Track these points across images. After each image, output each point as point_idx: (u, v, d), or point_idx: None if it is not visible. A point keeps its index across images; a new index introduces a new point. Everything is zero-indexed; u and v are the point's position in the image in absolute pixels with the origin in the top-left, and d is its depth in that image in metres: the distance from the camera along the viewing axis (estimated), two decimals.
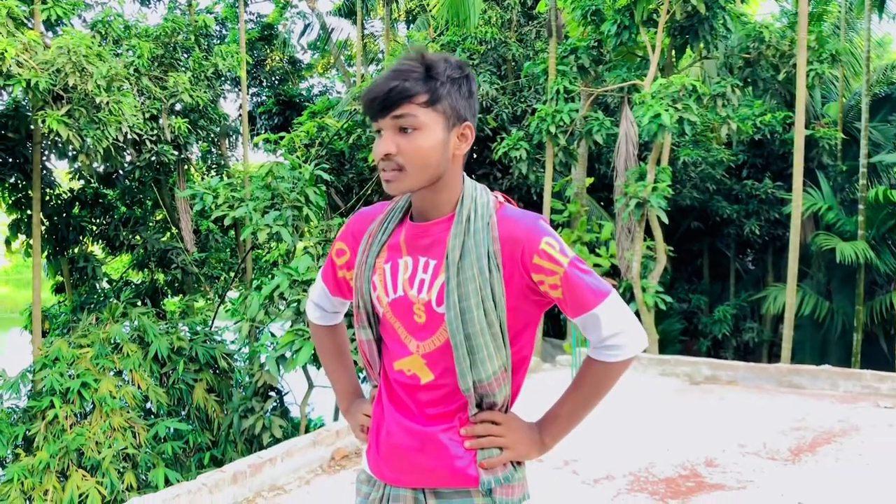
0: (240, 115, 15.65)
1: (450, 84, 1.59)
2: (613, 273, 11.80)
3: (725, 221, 15.37)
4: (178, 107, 12.99)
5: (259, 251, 13.61)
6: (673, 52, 11.02)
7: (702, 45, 10.52)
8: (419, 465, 1.66)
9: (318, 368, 8.53)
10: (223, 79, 14.62)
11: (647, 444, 5.49)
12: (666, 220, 10.21)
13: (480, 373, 1.60)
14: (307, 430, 9.48)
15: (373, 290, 1.72)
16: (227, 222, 9.66)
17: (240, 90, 15.19)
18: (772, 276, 16.00)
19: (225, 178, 12.93)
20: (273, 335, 9.04)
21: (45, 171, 11.97)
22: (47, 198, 12.61)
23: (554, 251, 1.58)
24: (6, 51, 7.85)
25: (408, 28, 19.73)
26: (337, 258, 1.85)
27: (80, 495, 8.35)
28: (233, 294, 13.83)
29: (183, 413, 10.14)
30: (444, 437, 1.65)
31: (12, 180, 12.08)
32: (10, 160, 11.86)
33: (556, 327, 14.78)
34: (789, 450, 5.29)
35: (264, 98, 19.16)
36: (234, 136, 17.08)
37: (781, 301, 12.61)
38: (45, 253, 12.68)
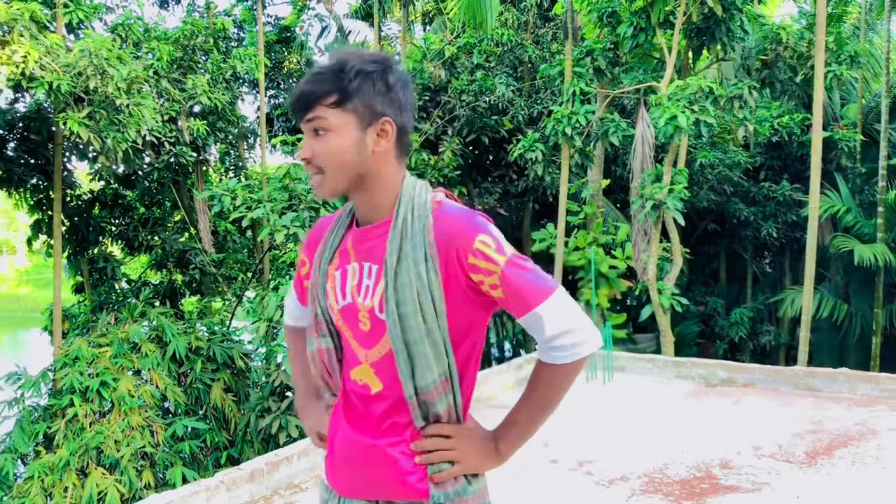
0: (257, 117, 15.74)
1: (360, 80, 1.55)
2: (629, 275, 11.79)
3: (742, 223, 15.31)
4: (196, 109, 13.09)
5: (276, 252, 13.70)
6: (689, 53, 11.00)
7: (719, 46, 10.49)
8: (370, 478, 1.65)
9: None
10: (241, 81, 14.74)
11: (662, 446, 5.50)
12: (682, 222, 10.18)
13: (421, 380, 1.57)
14: None
15: (325, 298, 1.70)
16: (244, 223, 9.73)
17: (257, 92, 15.28)
18: (789, 279, 15.92)
19: (243, 180, 13.03)
20: None
21: (65, 173, 12.13)
22: (68, 199, 12.77)
23: (489, 250, 1.53)
24: (29, 54, 7.96)
25: (424, 30, 19.77)
26: (301, 268, 1.84)
27: (100, 493, 8.43)
28: (250, 294, 13.92)
29: (200, 412, 10.21)
30: (393, 450, 1.63)
31: (34, 181, 12.25)
32: (32, 161, 12.03)
33: None
34: (805, 453, 5.28)
35: (281, 100, 19.27)
36: (251, 138, 17.18)
37: (799, 304, 12.53)
38: (66, 253, 12.83)
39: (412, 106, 1.64)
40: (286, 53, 19.40)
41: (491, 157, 14.52)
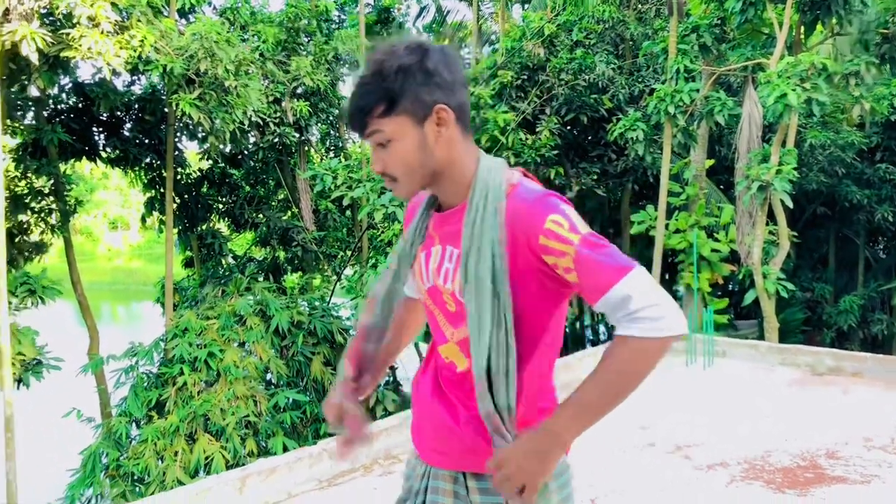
0: None
1: (402, 77, 1.50)
2: (732, 259, 11.45)
3: (855, 207, 14.60)
4: (299, 90, 13.42)
5: (374, 230, 13.96)
6: (802, 28, 10.52)
7: (834, 20, 9.99)
8: (456, 450, 1.67)
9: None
10: (342, 62, 15.00)
11: (764, 433, 5.35)
12: (790, 205, 9.81)
13: (495, 366, 1.54)
14: None
15: (414, 277, 1.75)
16: (345, 202, 9.95)
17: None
18: None
19: (343, 160, 13.30)
20: None
21: (177, 152, 12.67)
22: (179, 177, 13.35)
23: (562, 229, 1.46)
24: (146, 38, 8.34)
25: (523, 8, 19.59)
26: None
27: (206, 458, 8.86)
28: (348, 272, 14.23)
29: (301, 384, 10.56)
30: (478, 424, 1.63)
31: (147, 160, 12.85)
32: (146, 141, 12.63)
33: None
34: None
35: None
36: None
37: None
38: (177, 229, 13.42)
39: (462, 80, 1.57)
40: (385, 34, 19.59)
41: (590, 137, 14.30)
